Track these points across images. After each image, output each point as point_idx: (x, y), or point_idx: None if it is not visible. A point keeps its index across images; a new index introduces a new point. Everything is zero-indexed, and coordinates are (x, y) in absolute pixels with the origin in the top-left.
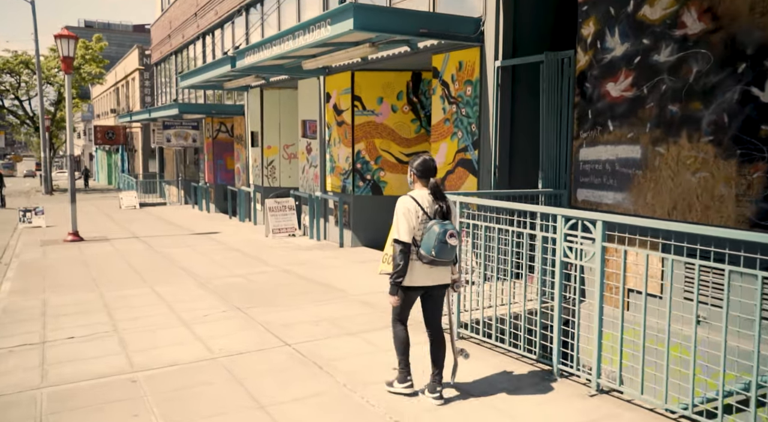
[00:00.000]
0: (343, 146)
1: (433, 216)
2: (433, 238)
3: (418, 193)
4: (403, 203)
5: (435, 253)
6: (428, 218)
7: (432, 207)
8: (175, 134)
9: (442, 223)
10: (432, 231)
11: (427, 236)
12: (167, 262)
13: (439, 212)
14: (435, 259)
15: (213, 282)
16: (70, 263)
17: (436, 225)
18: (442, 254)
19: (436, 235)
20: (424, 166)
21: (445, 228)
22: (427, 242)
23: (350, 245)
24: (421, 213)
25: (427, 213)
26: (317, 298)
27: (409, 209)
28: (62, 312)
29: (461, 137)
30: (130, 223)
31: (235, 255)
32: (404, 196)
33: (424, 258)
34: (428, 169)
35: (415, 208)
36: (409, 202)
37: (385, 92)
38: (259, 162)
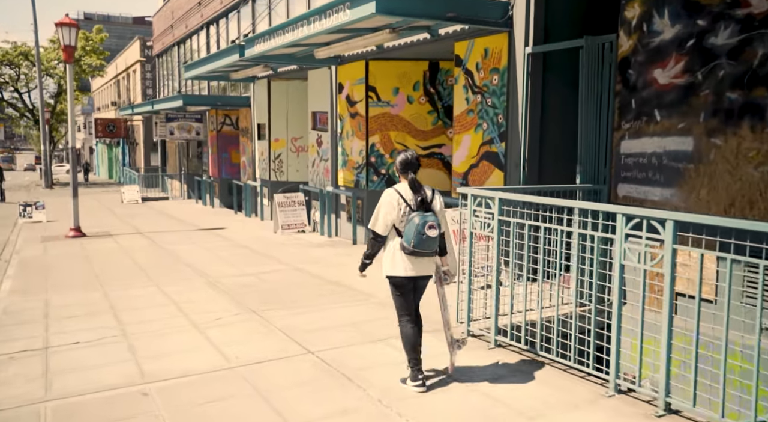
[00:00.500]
0: (357, 138)
1: (416, 208)
2: (413, 230)
3: (401, 186)
4: (386, 195)
5: (414, 244)
6: (411, 210)
7: (414, 199)
8: (179, 127)
9: (423, 215)
10: (412, 223)
11: (408, 227)
12: (173, 259)
13: (420, 203)
14: (415, 250)
15: (223, 281)
16: (72, 260)
17: (417, 217)
18: (422, 245)
19: (416, 226)
20: (404, 162)
21: (425, 220)
22: (407, 234)
23: (364, 242)
24: (404, 205)
25: (410, 205)
26: (336, 300)
27: (390, 202)
28: (66, 314)
29: (486, 129)
30: (133, 218)
31: (243, 252)
32: (389, 189)
33: (405, 249)
34: (408, 164)
35: (398, 200)
36: (392, 195)
37: (401, 82)
38: (266, 155)
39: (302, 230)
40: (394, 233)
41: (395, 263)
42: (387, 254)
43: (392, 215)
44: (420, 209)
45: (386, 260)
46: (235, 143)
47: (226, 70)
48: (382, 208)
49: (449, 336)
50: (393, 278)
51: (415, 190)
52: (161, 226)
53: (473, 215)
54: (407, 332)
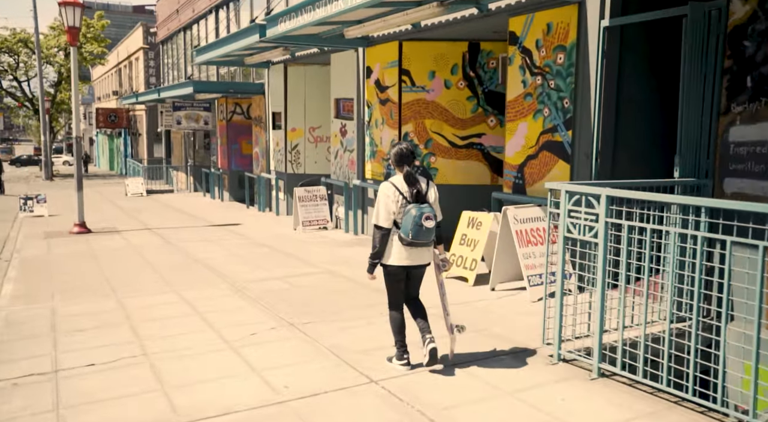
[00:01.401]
0: (388, 127)
1: (412, 200)
2: (410, 221)
3: (397, 179)
4: (383, 189)
5: (412, 235)
6: (407, 202)
7: (410, 191)
8: (186, 116)
9: (419, 206)
10: (409, 214)
11: (405, 219)
12: (190, 260)
13: (415, 195)
14: (413, 240)
15: (250, 287)
16: (78, 260)
17: (414, 209)
18: (419, 235)
19: (413, 218)
20: (399, 155)
21: (422, 211)
22: (405, 225)
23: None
24: (400, 198)
25: (406, 197)
26: (384, 310)
27: (388, 195)
28: (76, 326)
29: (548, 115)
30: (140, 212)
31: (265, 252)
32: (385, 182)
33: (403, 240)
34: (403, 157)
35: (394, 193)
36: (388, 188)
37: (438, 65)
38: (282, 146)
39: (324, 226)
40: (392, 224)
41: (391, 253)
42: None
43: (391, 208)
44: (416, 200)
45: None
46: (246, 133)
47: (240, 55)
48: (382, 201)
49: (448, 323)
50: (388, 266)
51: (410, 182)
52: (170, 221)
53: (568, 215)
54: (396, 316)
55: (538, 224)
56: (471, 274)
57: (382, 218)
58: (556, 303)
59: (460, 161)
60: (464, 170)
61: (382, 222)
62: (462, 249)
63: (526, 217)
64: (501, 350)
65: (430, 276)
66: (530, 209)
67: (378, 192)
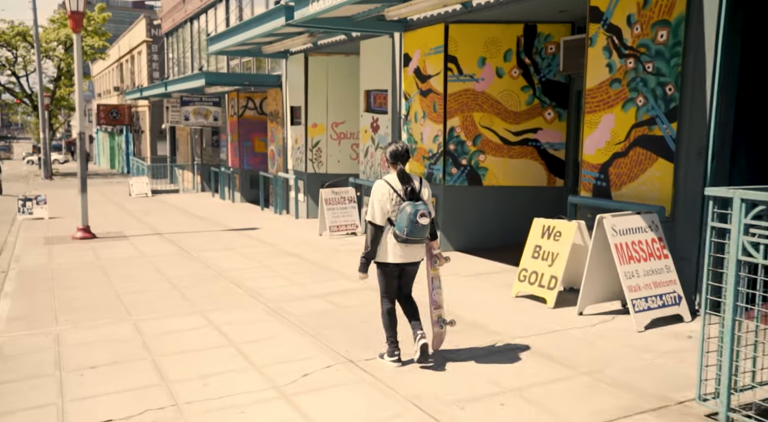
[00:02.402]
0: (430, 121)
1: (406, 197)
2: (405, 218)
3: (391, 177)
4: (377, 186)
5: (407, 232)
6: (401, 200)
7: (404, 189)
8: (195, 112)
9: (414, 204)
10: (404, 212)
11: (400, 216)
12: (211, 272)
13: (409, 193)
14: (408, 238)
15: (287, 308)
16: (84, 271)
17: (408, 206)
18: (414, 233)
19: (408, 215)
20: (394, 153)
21: (416, 209)
22: (400, 222)
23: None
24: (395, 195)
25: (400, 195)
26: (458, 341)
27: (382, 193)
28: (86, 361)
29: (643, 105)
30: (147, 214)
31: (294, 262)
32: (379, 180)
33: (398, 237)
34: (398, 155)
35: (389, 191)
36: (383, 186)
37: (489, 51)
38: (302, 143)
39: (353, 232)
40: (387, 222)
41: (386, 251)
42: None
43: (386, 206)
44: (410, 198)
45: (379, 248)
46: (259, 130)
47: (259, 43)
48: (376, 199)
49: (435, 316)
50: (383, 264)
51: (403, 180)
52: (182, 225)
53: (744, 232)
54: (388, 311)
55: (641, 236)
56: (550, 294)
57: (377, 216)
58: (725, 346)
59: (513, 159)
60: (517, 170)
61: (377, 220)
62: (536, 264)
63: (627, 227)
64: (634, 404)
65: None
66: (630, 217)
67: (372, 190)
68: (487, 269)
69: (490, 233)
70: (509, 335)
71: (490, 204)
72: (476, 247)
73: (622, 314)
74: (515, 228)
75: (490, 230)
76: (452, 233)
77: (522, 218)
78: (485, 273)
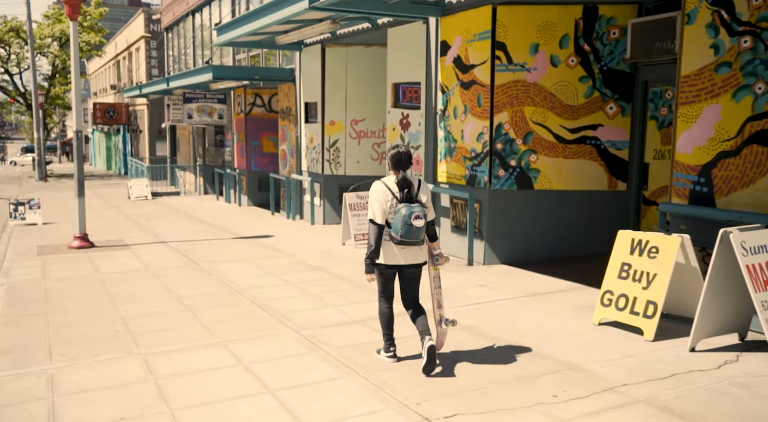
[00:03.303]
0: (473, 117)
1: (402, 199)
2: (400, 220)
3: (389, 179)
4: (375, 187)
5: (402, 234)
6: (397, 201)
7: (401, 192)
8: (198, 109)
9: (409, 206)
10: (399, 214)
11: (396, 218)
12: (227, 290)
13: (407, 195)
14: (403, 240)
15: (325, 337)
16: (83, 288)
17: (404, 208)
18: (409, 234)
19: (403, 217)
20: (396, 158)
21: (411, 211)
22: (395, 224)
23: (483, 262)
24: (391, 197)
25: (397, 197)
26: (553, 388)
27: (380, 194)
28: (87, 418)
29: (763, 94)
30: (148, 219)
31: (321, 278)
32: (376, 182)
33: (393, 239)
34: (400, 161)
35: (385, 192)
36: (380, 187)
37: (542, 37)
38: (318, 143)
39: None
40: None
41: (384, 253)
42: None
43: (384, 206)
44: (406, 200)
45: None
46: (268, 128)
47: (273, 33)
48: (375, 199)
49: (438, 316)
50: (381, 266)
51: (402, 186)
52: (187, 231)
53: None
54: (384, 310)
55: None
56: (648, 324)
57: (378, 215)
58: None
59: (569, 159)
60: (574, 172)
61: (378, 219)
62: (625, 286)
63: (761, 244)
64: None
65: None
66: (763, 232)
67: (370, 191)
68: (547, 286)
69: (541, 244)
70: (614, 380)
71: (542, 211)
72: (526, 259)
73: (745, 352)
74: (571, 238)
75: (542, 240)
76: (498, 244)
77: (578, 226)
78: (547, 293)
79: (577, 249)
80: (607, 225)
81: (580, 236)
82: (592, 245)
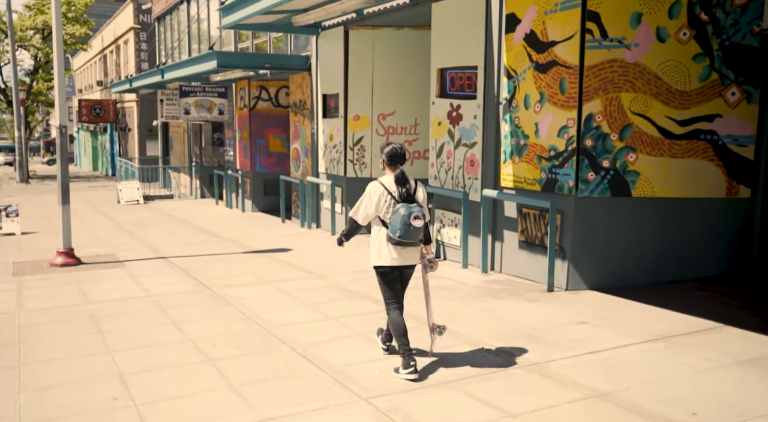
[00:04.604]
0: (553, 107)
1: (400, 199)
2: (399, 220)
3: (386, 179)
4: (371, 187)
5: (400, 234)
6: (396, 202)
7: (398, 191)
8: (196, 104)
9: (408, 206)
10: (398, 214)
11: (394, 218)
12: (255, 329)
13: (404, 194)
14: (401, 240)
15: (409, 409)
16: (68, 326)
17: (402, 208)
18: (408, 235)
19: (402, 217)
20: (391, 155)
21: (410, 211)
22: (393, 224)
23: (566, 287)
24: (389, 197)
25: (394, 197)
26: None
27: (375, 195)
28: None
29: None
30: (142, 228)
31: (369, 309)
32: (373, 181)
33: (391, 240)
34: (395, 158)
35: (383, 192)
36: (377, 187)
37: (647, 4)
38: (340, 140)
39: None
40: (380, 224)
41: (382, 254)
42: (374, 245)
43: (373, 208)
44: (405, 200)
45: (373, 251)
46: (275, 125)
47: (290, 11)
48: (365, 200)
49: (431, 322)
50: (380, 267)
51: (400, 182)
52: (189, 243)
53: None
54: (396, 319)
55: None
56: None
57: (360, 216)
58: None
59: (678, 159)
60: (684, 175)
61: (358, 218)
62: None
63: None
64: None
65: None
66: None
67: (366, 189)
68: (674, 325)
69: (641, 265)
70: None
71: (641, 223)
72: (621, 284)
73: None
74: (678, 258)
75: (642, 260)
76: (585, 264)
77: (688, 243)
78: (679, 335)
79: (687, 272)
80: (725, 241)
81: (691, 256)
82: (705, 267)
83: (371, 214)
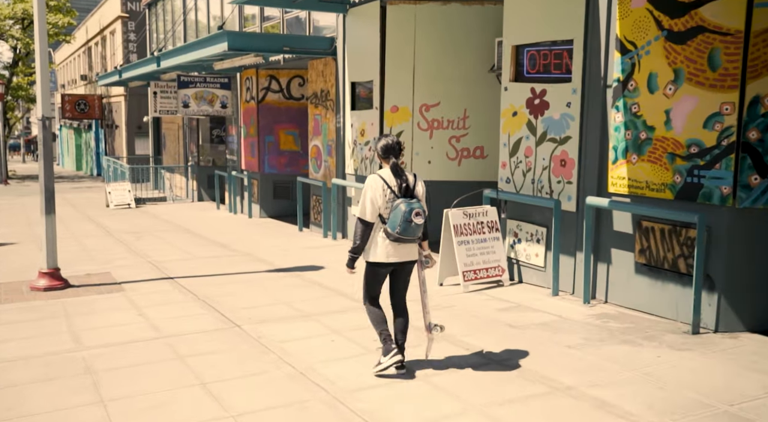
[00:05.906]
0: (696, 88)
1: (400, 194)
2: (399, 216)
3: (385, 172)
4: (370, 181)
5: (400, 231)
6: (395, 196)
7: (398, 185)
8: (196, 96)
9: (409, 202)
10: (398, 210)
11: (394, 214)
12: (319, 396)
13: (403, 188)
14: (400, 237)
15: None
16: (53, 389)
17: (403, 204)
18: (407, 231)
19: (402, 213)
20: (385, 147)
21: (411, 207)
22: (393, 220)
23: (716, 329)
24: (388, 191)
25: (394, 191)
26: None
27: (375, 189)
28: None
29: None
30: (139, 238)
31: (463, 353)
32: (372, 175)
33: (390, 236)
34: (390, 149)
35: (382, 186)
36: (377, 181)
37: None
38: (374, 136)
39: (498, 280)
40: (378, 219)
41: (378, 250)
42: (370, 240)
43: (379, 199)
44: (404, 195)
45: (369, 247)
46: (286, 120)
47: None
48: (369, 194)
49: (427, 321)
50: (374, 264)
51: (397, 175)
52: (197, 258)
53: None
54: (375, 310)
55: None
56: None
57: (368, 213)
58: None
59: None
60: None
61: (367, 217)
62: None
63: None
64: None
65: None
66: None
67: (364, 185)
68: None
69: None
70: None
71: None
72: None
73: None
74: None
75: None
76: (745, 299)
77: None
78: None
79: None
80: None
81: None
82: None
83: (380, 206)
